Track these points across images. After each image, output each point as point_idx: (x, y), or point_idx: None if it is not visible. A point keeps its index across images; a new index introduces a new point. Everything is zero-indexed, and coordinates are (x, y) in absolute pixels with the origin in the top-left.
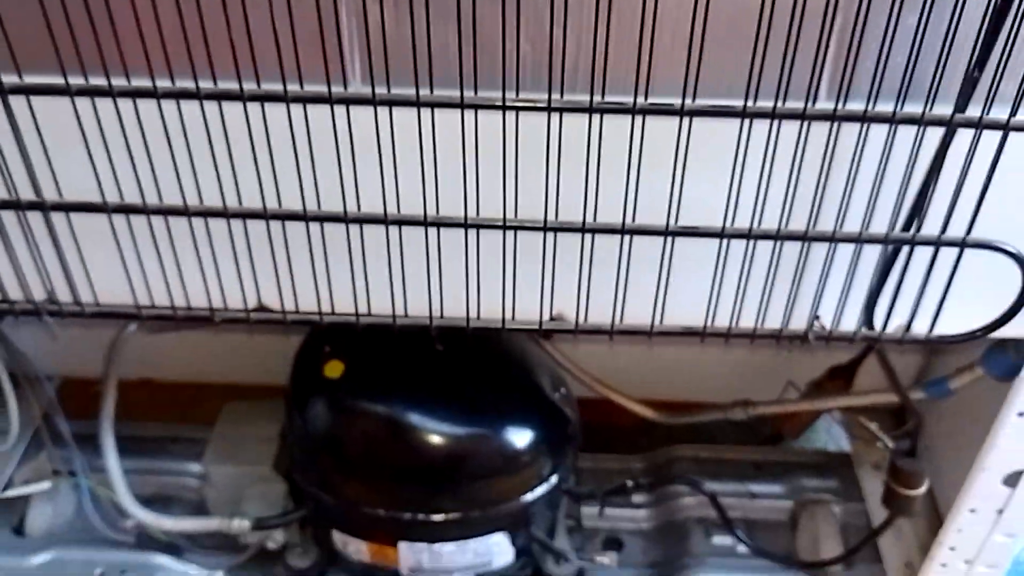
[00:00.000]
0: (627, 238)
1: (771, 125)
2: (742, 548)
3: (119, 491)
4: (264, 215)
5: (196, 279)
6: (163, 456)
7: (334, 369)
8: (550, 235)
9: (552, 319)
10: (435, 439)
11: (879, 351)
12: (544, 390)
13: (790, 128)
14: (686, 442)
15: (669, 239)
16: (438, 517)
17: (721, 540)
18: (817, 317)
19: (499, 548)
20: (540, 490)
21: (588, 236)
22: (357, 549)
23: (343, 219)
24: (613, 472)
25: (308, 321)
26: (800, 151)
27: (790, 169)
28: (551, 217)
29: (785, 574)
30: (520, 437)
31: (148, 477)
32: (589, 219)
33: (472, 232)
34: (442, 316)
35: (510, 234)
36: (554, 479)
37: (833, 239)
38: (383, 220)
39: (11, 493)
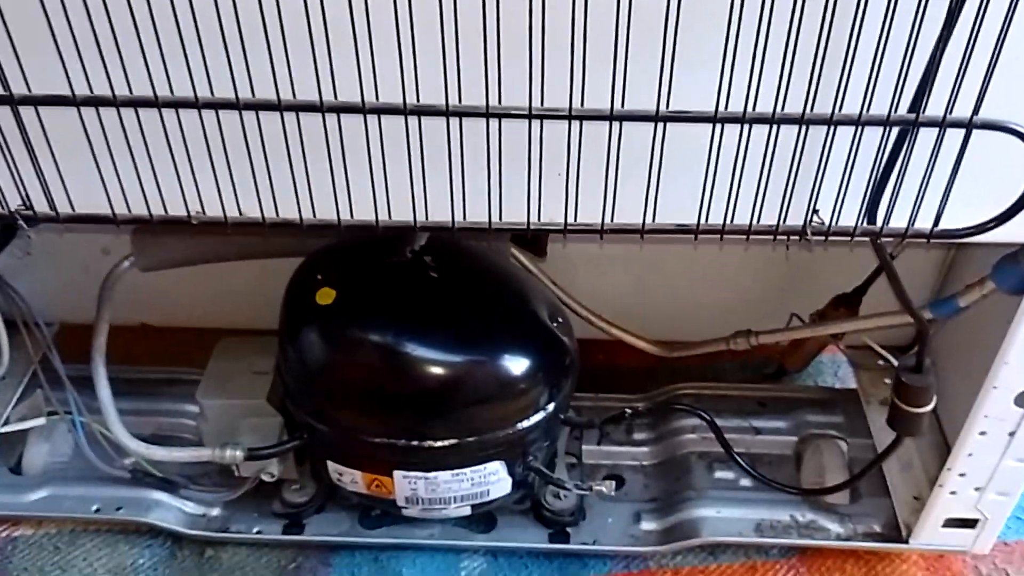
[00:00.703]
0: (615, 126)
1: None
2: (745, 481)
3: (111, 422)
4: (236, 105)
5: (173, 184)
6: (160, 398)
7: (326, 296)
8: (536, 124)
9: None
10: (429, 365)
11: (884, 260)
12: (541, 319)
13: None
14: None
15: (660, 126)
16: (433, 444)
17: (723, 474)
18: (815, 211)
19: (496, 478)
20: (536, 418)
21: (576, 124)
22: (353, 480)
23: (318, 108)
24: (615, 411)
25: (288, 224)
26: (797, 21)
27: (785, 44)
28: (536, 104)
29: (788, 508)
30: (516, 364)
31: (145, 418)
32: (576, 106)
33: (455, 123)
34: (427, 219)
35: (495, 124)
36: (551, 407)
37: (831, 122)
38: (360, 109)
39: (6, 429)
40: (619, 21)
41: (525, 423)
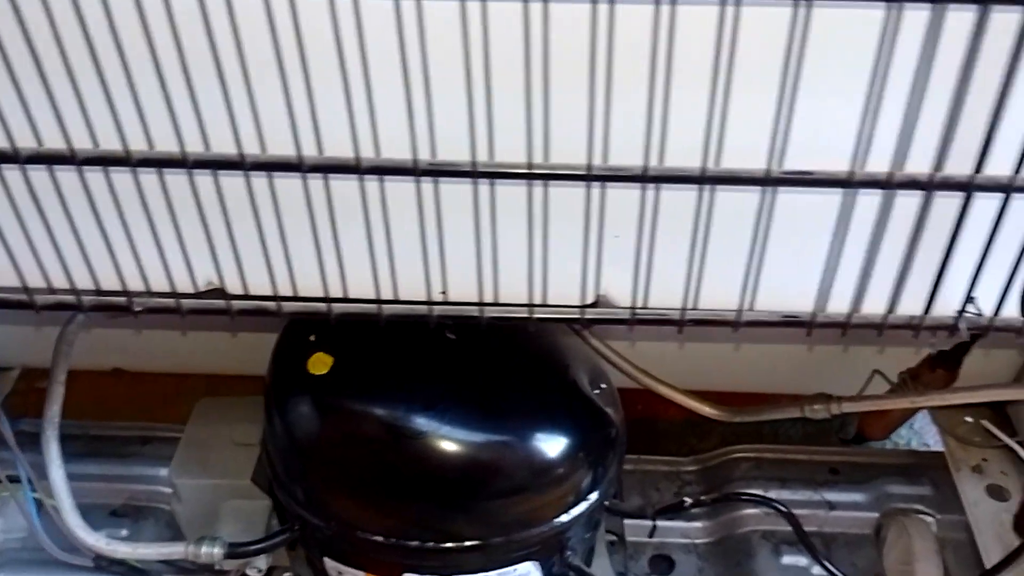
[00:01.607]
0: (706, 190)
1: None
2: (818, 570)
3: (65, 511)
4: (184, 163)
5: (104, 258)
6: (133, 460)
7: (320, 364)
8: (596, 187)
9: (595, 303)
10: (447, 449)
11: None
12: (581, 386)
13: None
14: (744, 442)
15: (769, 192)
16: (452, 545)
17: (793, 559)
18: (971, 299)
19: None
20: (578, 509)
21: (651, 189)
22: None
23: (297, 167)
24: (659, 476)
25: (260, 312)
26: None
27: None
28: (597, 162)
29: None
30: (553, 445)
31: (115, 485)
32: (653, 163)
33: (484, 186)
34: (446, 302)
35: (538, 188)
36: (594, 496)
37: (1010, 189)
38: (412, 171)
39: None
40: (720, 46)
41: (564, 517)
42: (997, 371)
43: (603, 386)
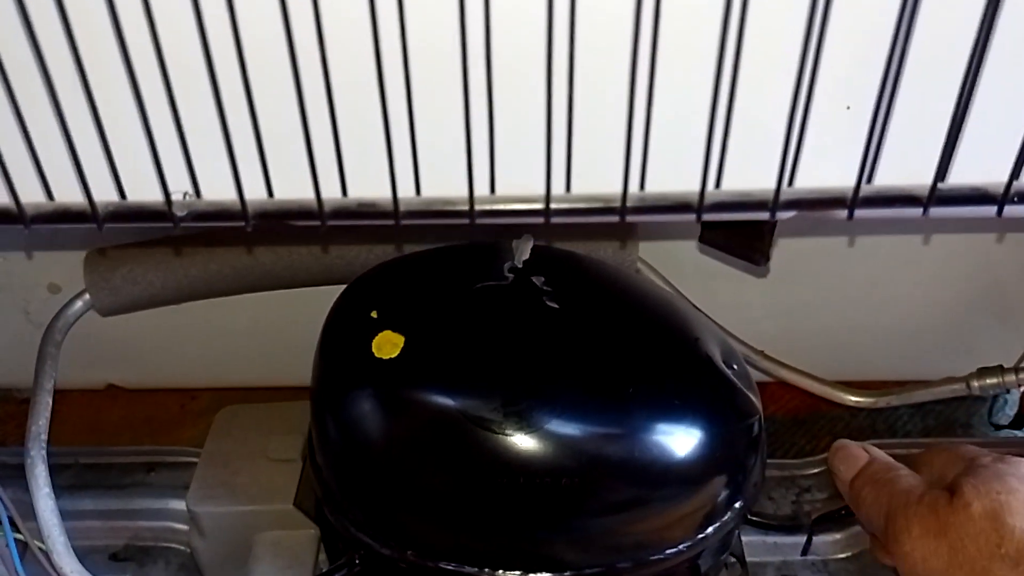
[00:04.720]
0: None
1: None
2: None
3: (57, 552)
4: None
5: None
6: (136, 491)
7: (388, 345)
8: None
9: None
10: (558, 449)
11: None
12: (716, 365)
13: None
14: (863, 439)
15: None
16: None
17: None
18: None
19: None
20: (719, 522)
21: None
22: None
23: None
24: (772, 483)
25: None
26: None
27: None
28: None
29: None
30: (690, 440)
31: (116, 523)
32: None
33: None
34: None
35: None
36: (738, 504)
37: None
38: None
39: None
40: None
41: (705, 532)
42: None
43: (735, 366)
